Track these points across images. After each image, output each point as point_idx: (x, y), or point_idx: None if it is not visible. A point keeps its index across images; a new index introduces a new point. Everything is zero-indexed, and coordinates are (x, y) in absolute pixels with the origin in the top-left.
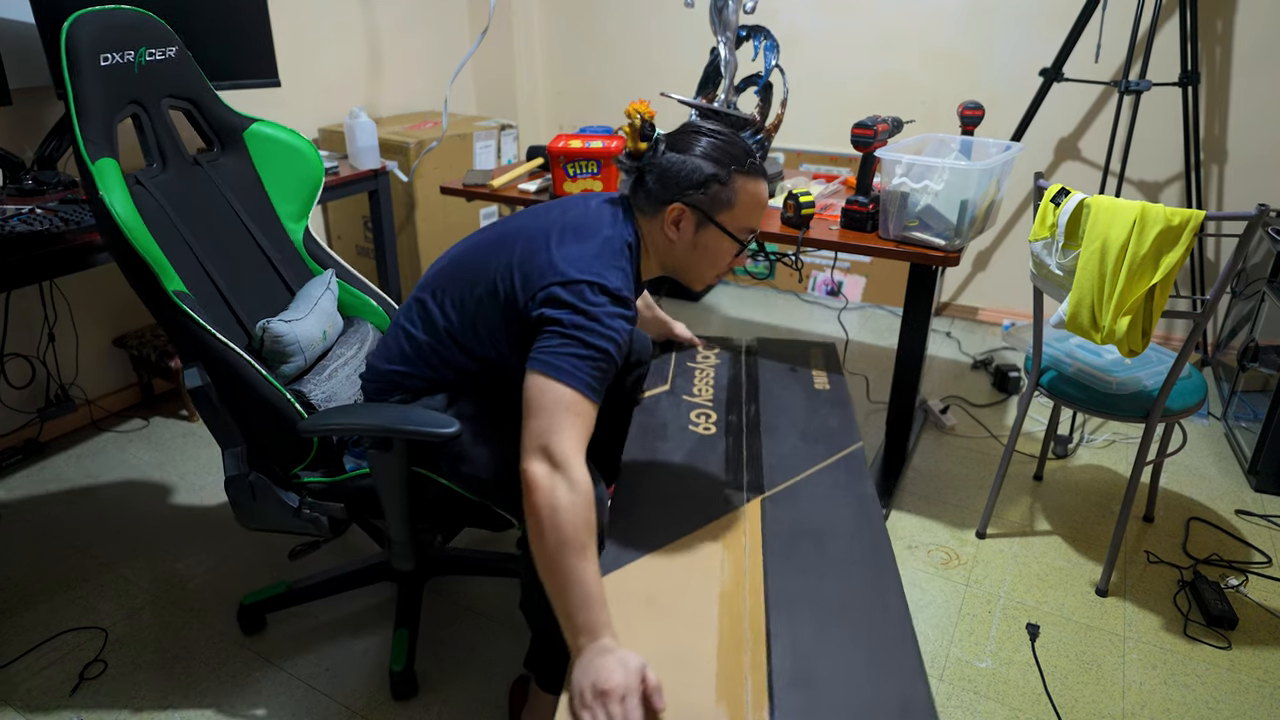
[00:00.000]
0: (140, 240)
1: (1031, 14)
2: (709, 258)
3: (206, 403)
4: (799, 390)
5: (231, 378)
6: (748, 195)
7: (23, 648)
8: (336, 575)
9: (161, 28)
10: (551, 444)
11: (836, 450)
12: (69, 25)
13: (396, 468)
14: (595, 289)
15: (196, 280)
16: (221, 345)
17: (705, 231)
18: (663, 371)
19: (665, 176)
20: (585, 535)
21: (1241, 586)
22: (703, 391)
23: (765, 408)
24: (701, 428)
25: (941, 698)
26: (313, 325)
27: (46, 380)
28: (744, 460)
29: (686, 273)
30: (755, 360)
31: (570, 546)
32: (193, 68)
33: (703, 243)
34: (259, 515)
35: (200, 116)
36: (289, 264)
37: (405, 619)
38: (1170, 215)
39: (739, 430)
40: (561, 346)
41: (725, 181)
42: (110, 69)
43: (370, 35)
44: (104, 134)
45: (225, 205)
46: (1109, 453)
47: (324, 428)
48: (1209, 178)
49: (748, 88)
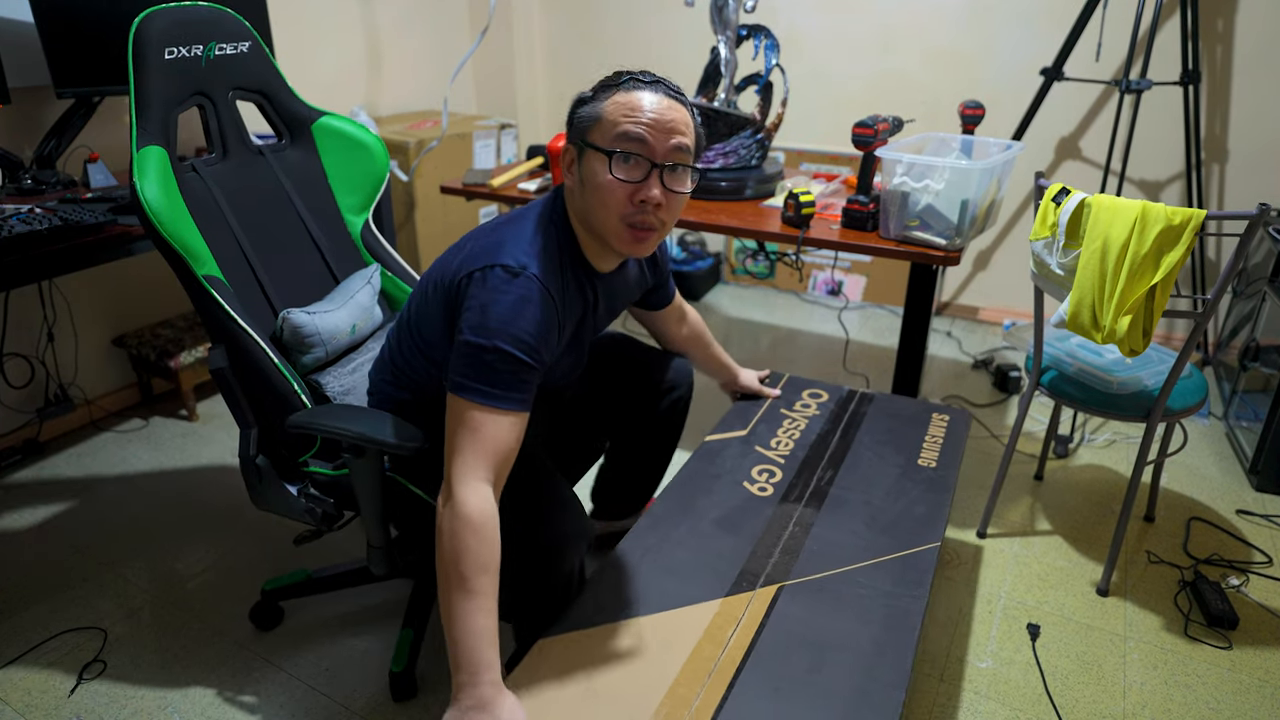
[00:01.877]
0: (169, 225)
1: (1032, 13)
2: (598, 194)
3: (226, 384)
4: (896, 461)
5: (248, 362)
6: (615, 105)
7: (22, 647)
8: (355, 569)
9: (236, 23)
10: (450, 468)
11: (904, 546)
12: (139, 20)
13: (370, 473)
14: (491, 271)
15: (235, 266)
16: (241, 330)
17: (585, 160)
18: (745, 416)
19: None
20: (466, 568)
21: (1242, 586)
22: (781, 444)
23: (844, 476)
24: (757, 487)
25: (942, 698)
26: (341, 318)
27: (46, 380)
28: (784, 536)
29: (589, 219)
30: (861, 414)
31: (449, 580)
32: (266, 62)
33: (587, 176)
34: (264, 498)
35: (270, 108)
36: (340, 256)
37: (412, 619)
38: (1171, 214)
39: (799, 498)
40: (458, 354)
41: (590, 100)
42: (175, 62)
43: (370, 34)
44: (159, 124)
45: (283, 195)
46: (1110, 452)
47: (306, 426)
48: (1210, 177)
49: (748, 87)
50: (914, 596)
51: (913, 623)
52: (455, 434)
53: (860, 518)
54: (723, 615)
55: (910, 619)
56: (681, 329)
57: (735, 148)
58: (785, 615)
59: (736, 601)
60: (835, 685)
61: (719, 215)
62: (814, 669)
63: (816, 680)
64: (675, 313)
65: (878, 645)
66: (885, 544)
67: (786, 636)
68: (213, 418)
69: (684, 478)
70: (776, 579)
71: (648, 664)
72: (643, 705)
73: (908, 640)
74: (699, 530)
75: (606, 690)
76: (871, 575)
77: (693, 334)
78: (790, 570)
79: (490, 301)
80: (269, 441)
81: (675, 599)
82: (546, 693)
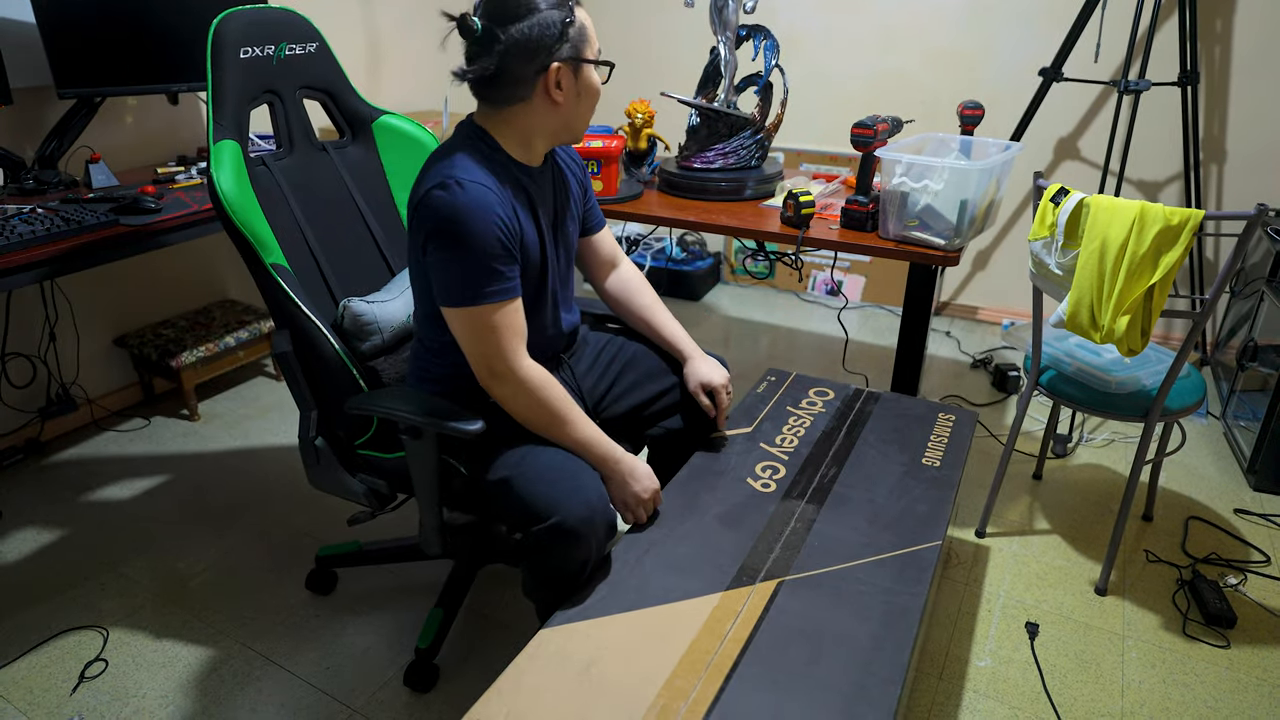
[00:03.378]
0: (241, 215)
1: (1031, 13)
2: (591, 98)
3: (288, 367)
4: (900, 460)
5: (309, 346)
6: (589, 21)
7: (23, 647)
8: (405, 545)
9: (305, 25)
10: (491, 364)
11: (906, 544)
12: (218, 22)
13: (427, 455)
14: (430, 194)
15: (299, 255)
16: (304, 316)
17: (582, 75)
18: (752, 412)
19: (524, 50)
20: (556, 406)
21: (1240, 585)
22: (786, 441)
23: (848, 473)
24: (760, 484)
25: (941, 696)
26: (398, 307)
27: (47, 380)
28: (785, 532)
29: (574, 125)
30: (867, 413)
31: (550, 425)
32: (331, 62)
33: (585, 87)
34: (320, 479)
35: (334, 106)
36: (396, 248)
37: (446, 599)
38: (1169, 215)
39: (802, 495)
40: (437, 272)
41: (573, 20)
42: (250, 61)
43: (370, 34)
44: (233, 119)
45: (344, 189)
46: (1108, 452)
47: (365, 408)
48: (1208, 177)
49: (748, 87)
50: (913, 594)
51: (911, 619)
52: (476, 338)
53: (862, 515)
54: (722, 609)
55: (909, 616)
56: (609, 279)
57: (735, 148)
58: (784, 610)
59: (736, 596)
60: (832, 679)
61: (719, 215)
62: (811, 663)
63: (813, 674)
64: (606, 255)
65: (876, 641)
66: (886, 541)
67: (785, 631)
68: (214, 417)
69: (688, 474)
70: (776, 574)
71: (646, 656)
72: (640, 696)
73: (905, 636)
74: (701, 525)
75: (604, 681)
76: (872, 572)
77: (623, 293)
78: (790, 566)
79: (441, 218)
80: (326, 424)
81: (675, 593)
82: (545, 682)
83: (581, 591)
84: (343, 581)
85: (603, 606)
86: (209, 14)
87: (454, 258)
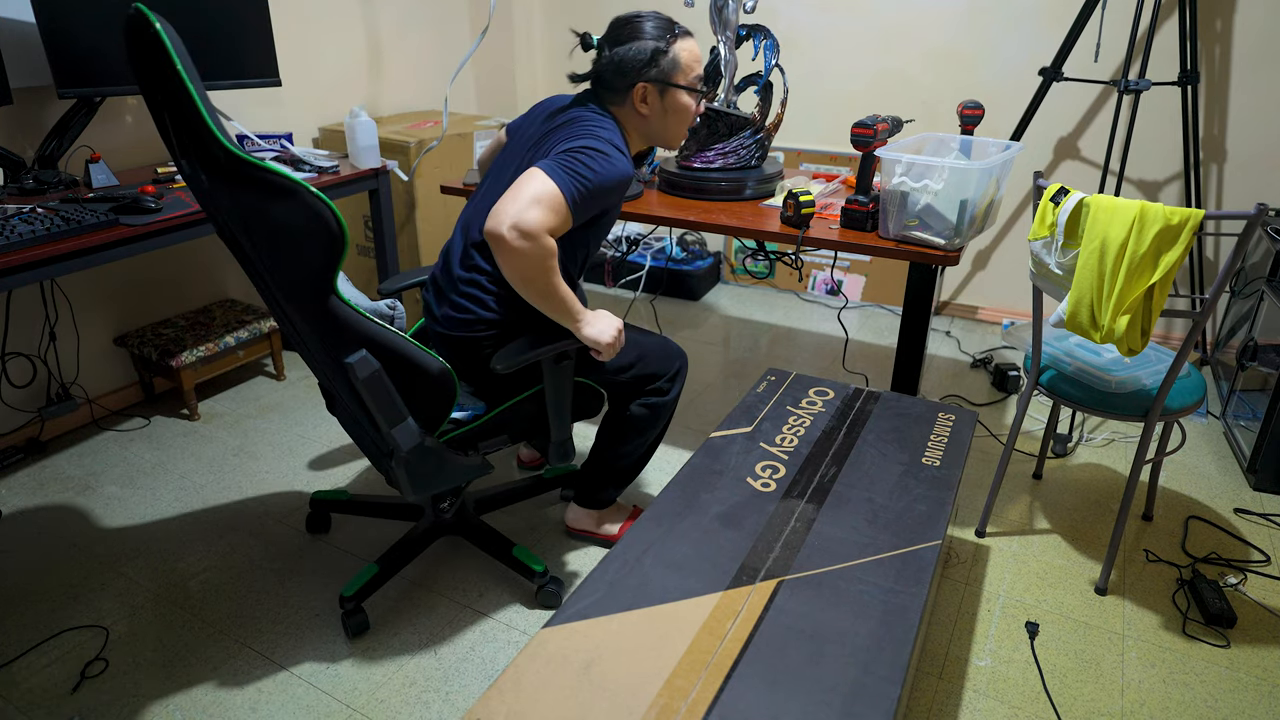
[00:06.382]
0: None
1: (1031, 13)
2: (679, 116)
3: (380, 384)
4: (900, 460)
5: (391, 354)
6: (687, 53)
7: (23, 646)
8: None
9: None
10: (531, 216)
11: (905, 543)
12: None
13: (568, 372)
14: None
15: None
16: (379, 327)
17: (670, 96)
18: (752, 412)
19: (620, 68)
20: (554, 262)
21: (1240, 585)
22: (786, 441)
23: (848, 473)
24: (760, 483)
25: (941, 696)
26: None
27: (48, 379)
28: (785, 531)
29: (665, 135)
30: (867, 413)
31: (548, 273)
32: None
33: (671, 106)
34: (436, 478)
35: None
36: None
37: (387, 560)
38: (1169, 214)
39: (802, 495)
40: (559, 160)
41: (667, 50)
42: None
43: (370, 34)
44: None
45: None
46: (1108, 451)
47: (517, 359)
48: (1208, 177)
49: (748, 87)
50: (913, 593)
51: (910, 619)
52: (537, 198)
53: (862, 514)
54: (721, 608)
55: (908, 615)
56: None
57: (735, 148)
58: (784, 609)
59: (736, 595)
60: (832, 679)
61: (719, 215)
62: (811, 662)
63: (813, 673)
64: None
65: (875, 640)
66: (886, 541)
67: (784, 630)
68: (214, 417)
69: (687, 473)
70: (776, 574)
71: (646, 655)
72: (640, 695)
73: (905, 636)
74: (701, 525)
75: (604, 680)
76: (871, 571)
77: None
78: (790, 565)
79: (601, 140)
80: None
81: (675, 592)
82: (545, 682)
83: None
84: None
85: (602, 606)
86: (209, 14)
87: (586, 163)
